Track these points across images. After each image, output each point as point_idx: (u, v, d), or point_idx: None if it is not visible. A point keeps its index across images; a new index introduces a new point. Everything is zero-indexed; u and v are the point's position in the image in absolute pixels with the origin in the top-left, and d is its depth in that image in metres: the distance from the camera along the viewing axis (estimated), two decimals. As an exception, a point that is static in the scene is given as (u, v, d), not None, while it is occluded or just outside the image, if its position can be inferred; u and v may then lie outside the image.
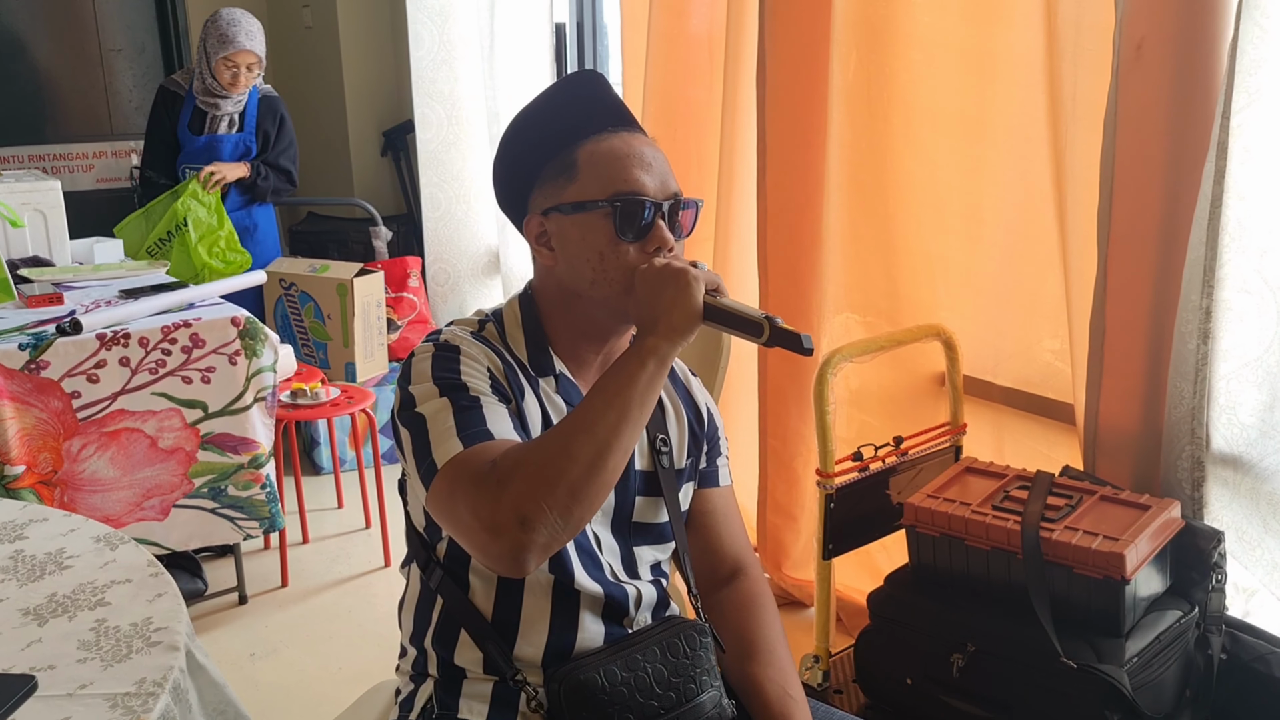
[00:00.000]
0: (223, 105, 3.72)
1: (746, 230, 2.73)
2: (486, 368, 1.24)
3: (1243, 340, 1.84)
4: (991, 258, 2.30)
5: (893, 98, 2.36)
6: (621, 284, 1.24)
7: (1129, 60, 1.85)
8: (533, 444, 1.14)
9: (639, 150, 1.26)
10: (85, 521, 1.64)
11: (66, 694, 1.20)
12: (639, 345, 1.17)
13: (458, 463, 1.14)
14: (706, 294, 1.19)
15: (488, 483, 1.10)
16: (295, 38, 5.23)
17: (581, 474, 1.09)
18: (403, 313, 4.13)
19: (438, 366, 1.22)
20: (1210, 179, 1.77)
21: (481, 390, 1.21)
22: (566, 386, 1.31)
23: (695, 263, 1.23)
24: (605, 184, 1.24)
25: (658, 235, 1.25)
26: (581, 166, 1.25)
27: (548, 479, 1.09)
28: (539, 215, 1.29)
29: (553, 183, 1.27)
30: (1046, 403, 2.27)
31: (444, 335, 1.27)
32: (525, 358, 1.30)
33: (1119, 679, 1.68)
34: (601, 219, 1.23)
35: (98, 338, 2.54)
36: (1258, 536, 1.89)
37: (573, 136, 1.27)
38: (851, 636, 2.14)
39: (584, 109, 1.29)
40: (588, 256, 1.24)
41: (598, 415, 1.13)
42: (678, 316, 1.17)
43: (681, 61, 2.97)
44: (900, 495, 2.16)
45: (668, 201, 1.26)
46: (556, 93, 1.33)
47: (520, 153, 1.31)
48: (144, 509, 2.69)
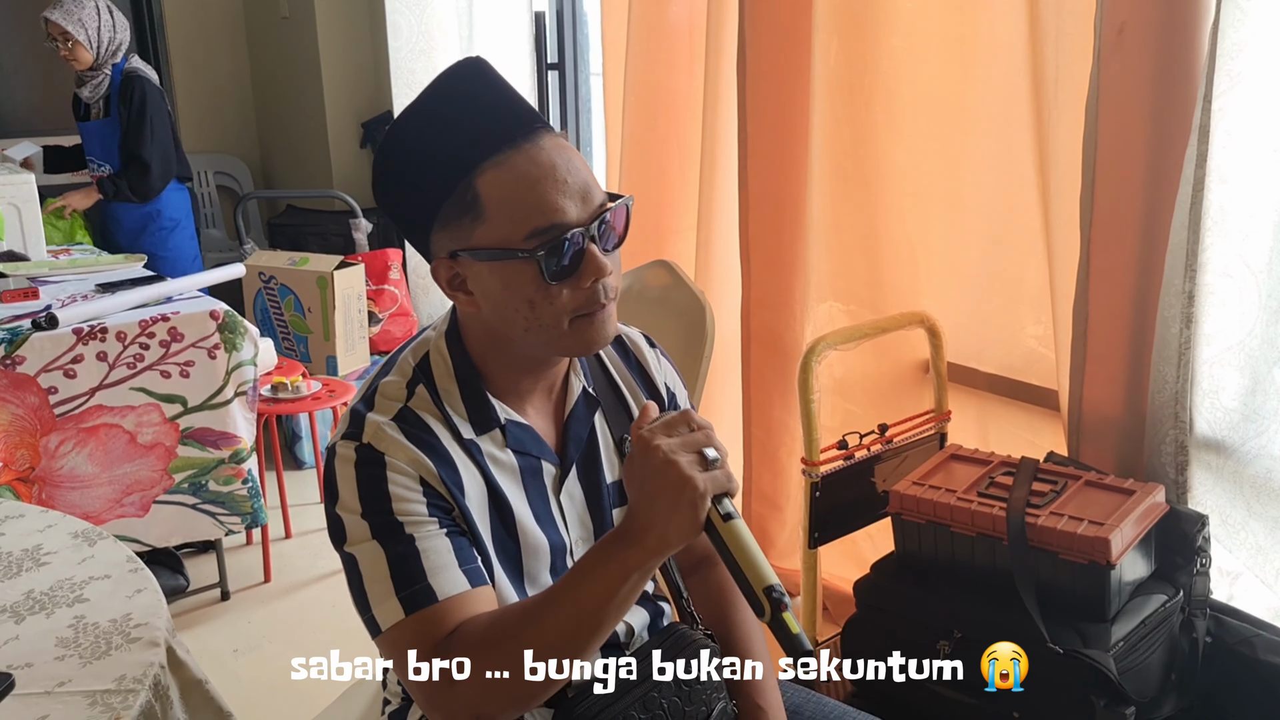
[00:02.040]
0: (84, 90, 3.71)
1: (729, 219, 2.72)
2: (418, 478, 1.09)
3: (1225, 324, 1.85)
4: (974, 244, 2.30)
5: (874, 84, 2.35)
6: (558, 329, 1.09)
7: (1110, 44, 1.85)
8: (491, 638, 1.03)
9: (549, 167, 1.06)
10: (62, 517, 1.62)
11: (45, 691, 1.18)
12: (623, 554, 1.00)
13: (400, 633, 1.06)
14: (714, 506, 0.99)
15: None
16: (272, 28, 5.19)
17: (543, 686, 1.02)
18: (384, 305, 4.11)
19: (365, 491, 1.08)
20: (1192, 163, 1.77)
21: (416, 519, 1.08)
22: (515, 435, 1.17)
23: (708, 452, 1.00)
24: (520, 221, 1.05)
25: (591, 266, 1.07)
26: (486, 203, 1.06)
27: (507, 687, 1.01)
28: (446, 259, 1.10)
29: (456, 224, 1.08)
30: (1030, 389, 2.27)
31: (367, 433, 1.10)
32: (464, 417, 1.14)
33: (1105, 664, 1.68)
34: (523, 265, 1.05)
35: (74, 332, 2.52)
36: (1241, 520, 1.90)
37: (469, 163, 1.06)
38: (838, 625, 2.13)
39: (476, 122, 1.08)
40: (515, 305, 1.08)
41: (569, 633, 1.01)
42: (673, 533, 0.99)
43: (662, 50, 2.95)
44: (885, 483, 2.16)
45: (595, 220, 1.07)
46: (439, 102, 1.10)
47: (408, 183, 1.10)
48: (124, 505, 2.66)
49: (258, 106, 5.55)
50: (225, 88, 5.45)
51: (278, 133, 5.45)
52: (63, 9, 3.57)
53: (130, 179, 3.70)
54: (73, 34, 3.57)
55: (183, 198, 3.92)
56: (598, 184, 1.10)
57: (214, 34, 5.35)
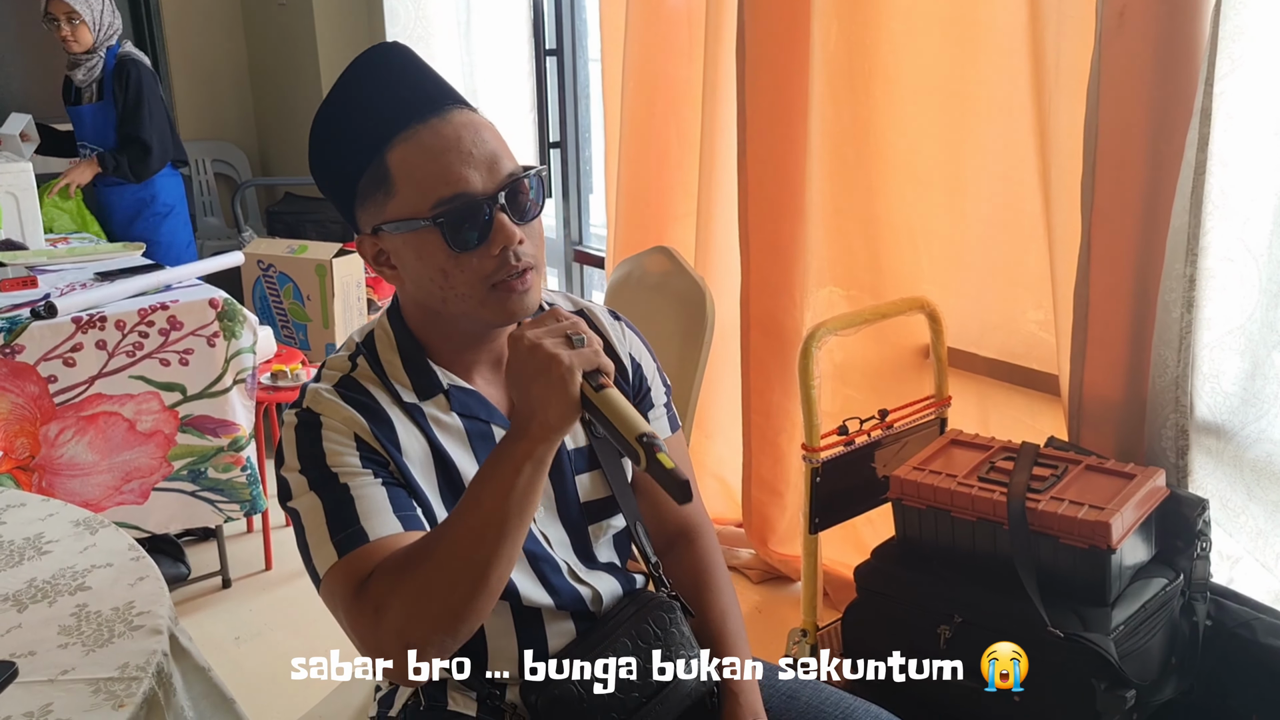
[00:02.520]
0: (76, 73, 3.68)
1: (728, 205, 2.72)
2: (352, 435, 1.13)
3: (1226, 308, 1.84)
4: (975, 229, 2.30)
5: (874, 69, 2.34)
6: (475, 298, 1.12)
7: (1111, 28, 1.84)
8: (407, 562, 1.05)
9: (454, 139, 1.10)
10: (64, 506, 1.62)
11: (48, 680, 1.18)
12: (511, 449, 1.04)
13: (335, 576, 1.08)
14: (585, 380, 1.03)
15: (364, 606, 1.05)
16: (269, 15, 5.16)
17: (463, 596, 1.03)
18: (383, 293, 4.10)
19: (303, 448, 1.13)
20: (1193, 147, 1.77)
21: (350, 471, 1.11)
22: (460, 400, 1.20)
23: (573, 335, 1.04)
24: (425, 192, 1.09)
25: (500, 234, 1.10)
26: (396, 176, 1.10)
27: (427, 607, 1.03)
28: (369, 235, 1.15)
29: (372, 199, 1.13)
30: (1031, 374, 2.27)
31: (307, 398, 1.15)
32: (407, 385, 1.18)
33: (1105, 647, 1.69)
34: (431, 234, 1.09)
35: (73, 321, 2.51)
36: (1241, 504, 1.90)
37: (380, 140, 1.11)
38: (839, 611, 2.14)
39: (387, 101, 1.12)
40: (430, 275, 1.12)
41: (476, 536, 1.03)
42: (552, 413, 1.02)
43: (661, 37, 2.94)
44: (886, 468, 2.16)
45: (503, 189, 1.11)
46: (353, 84, 1.15)
47: (330, 165, 1.16)
48: (123, 493, 2.66)
49: (255, 94, 5.52)
50: (222, 75, 5.42)
51: (275, 120, 5.42)
52: None
53: (131, 159, 3.69)
54: (80, 13, 3.55)
55: (176, 183, 3.92)
56: (511, 156, 1.14)
57: (211, 21, 5.32)
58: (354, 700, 1.60)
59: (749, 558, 2.87)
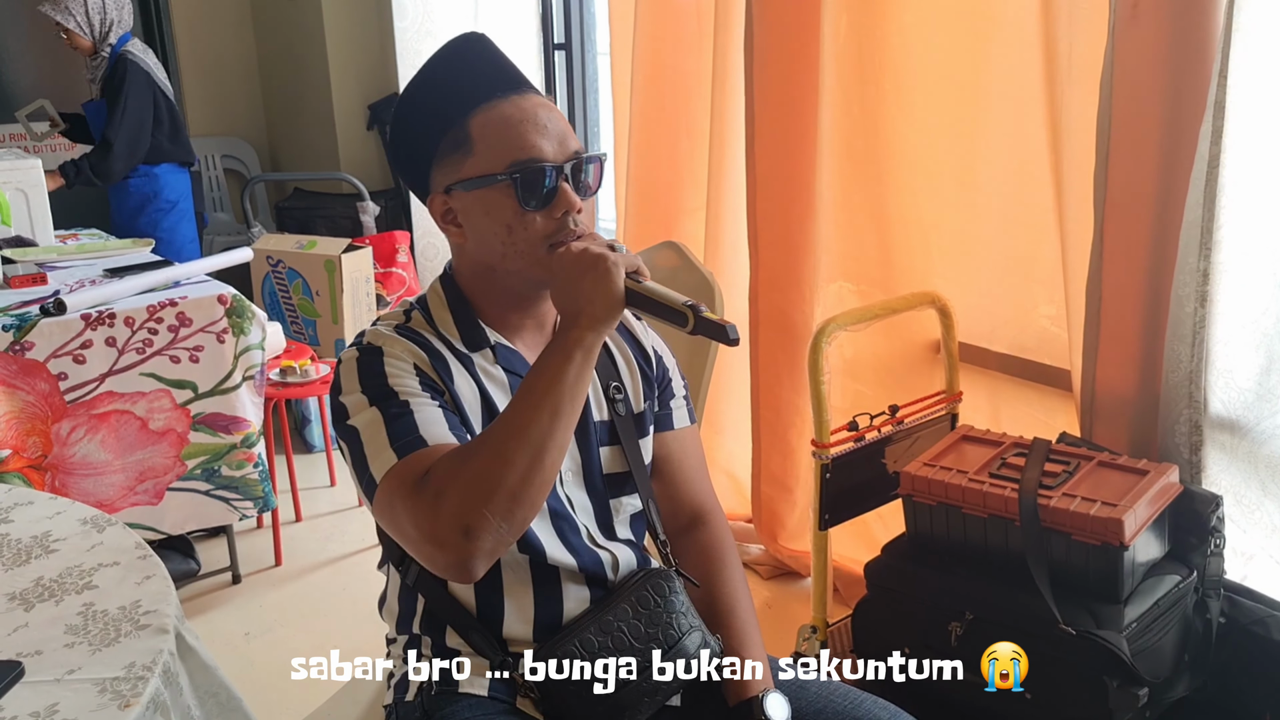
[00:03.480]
0: (86, 72, 3.72)
1: (738, 200, 2.70)
2: (412, 364, 1.22)
3: (1240, 302, 1.82)
4: (986, 223, 2.28)
5: (884, 62, 2.32)
6: (533, 255, 1.22)
7: (1125, 20, 1.82)
8: (466, 451, 1.13)
9: (532, 113, 1.23)
10: (72, 504, 1.62)
11: (54, 679, 1.18)
12: (563, 339, 1.14)
13: (394, 475, 1.13)
14: (628, 278, 1.16)
15: (424, 495, 1.10)
16: (278, 10, 5.16)
17: (519, 478, 1.09)
18: (392, 288, 4.10)
19: (364, 373, 1.21)
20: (1207, 139, 1.75)
21: (410, 392, 1.19)
22: (506, 355, 1.29)
23: (614, 244, 1.19)
24: (501, 154, 1.21)
25: (563, 199, 1.22)
26: (475, 139, 1.22)
27: (486, 487, 1.08)
28: (441, 194, 1.26)
29: (449, 159, 1.24)
30: (1043, 369, 2.25)
31: (367, 336, 1.25)
32: (457, 337, 1.28)
33: (1118, 645, 1.68)
34: (503, 191, 1.21)
35: (83, 318, 2.51)
36: (1256, 500, 1.88)
37: (463, 108, 1.23)
38: (849, 607, 2.13)
39: (471, 77, 1.25)
40: (495, 231, 1.22)
41: (530, 417, 1.11)
42: (600, 305, 1.14)
43: (670, 29, 2.93)
44: (896, 464, 2.15)
45: (569, 162, 1.23)
46: (441, 63, 1.28)
47: (413, 131, 1.28)
48: (138, 493, 2.66)
49: (264, 89, 5.52)
50: (232, 71, 5.42)
51: (284, 116, 5.43)
52: (49, 1, 3.59)
53: (92, 160, 3.67)
54: (63, 23, 3.58)
55: (182, 179, 3.93)
56: (577, 140, 1.27)
57: (220, 17, 5.32)
58: (364, 695, 1.59)
59: (759, 553, 2.87)
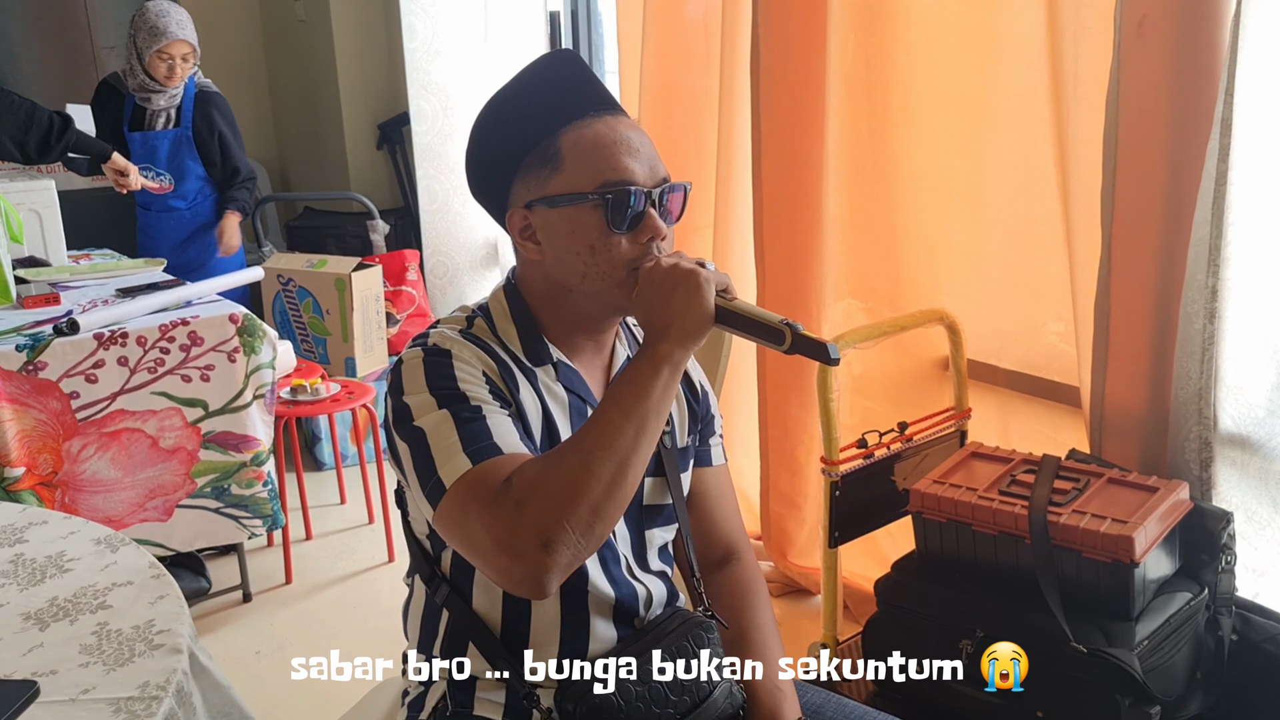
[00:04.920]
0: (157, 100, 3.60)
1: (745, 217, 2.71)
2: (481, 371, 1.19)
3: (1249, 319, 1.83)
4: (994, 240, 2.29)
5: (891, 80, 2.33)
6: (614, 277, 1.20)
7: (1131, 38, 1.83)
8: (549, 460, 1.10)
9: (625, 136, 1.21)
10: (85, 524, 1.63)
11: (69, 699, 1.19)
12: (651, 352, 1.13)
13: (468, 482, 1.10)
14: (717, 295, 1.15)
15: (504, 504, 1.06)
16: (289, 32, 5.20)
17: (603, 491, 1.07)
18: (402, 306, 4.11)
19: (432, 374, 1.17)
20: (1214, 156, 1.75)
21: (482, 398, 1.16)
22: (566, 374, 1.27)
23: (703, 261, 1.18)
24: (593, 174, 1.19)
25: (650, 225, 1.20)
26: (566, 156, 1.20)
27: (569, 498, 1.05)
28: (522, 208, 1.23)
29: (536, 174, 1.21)
30: (1052, 385, 2.25)
31: (432, 338, 1.21)
32: (520, 349, 1.25)
33: (1129, 663, 1.67)
34: (591, 211, 1.18)
35: (95, 337, 2.53)
36: (1267, 516, 1.88)
37: (554, 123, 1.21)
38: (859, 624, 2.13)
39: (564, 94, 1.22)
40: (578, 250, 1.20)
41: (616, 429, 1.09)
42: (690, 321, 1.13)
43: (677, 47, 2.94)
44: (906, 481, 2.15)
45: (658, 189, 1.21)
46: (533, 76, 1.25)
47: (497, 142, 1.25)
48: (147, 510, 2.67)
49: (275, 109, 5.56)
50: (242, 90, 5.45)
51: (295, 135, 5.46)
52: (181, 26, 3.47)
53: (246, 193, 3.73)
54: (197, 49, 3.54)
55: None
56: (663, 166, 1.25)
57: (231, 37, 5.36)
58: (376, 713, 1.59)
59: (768, 570, 2.86)
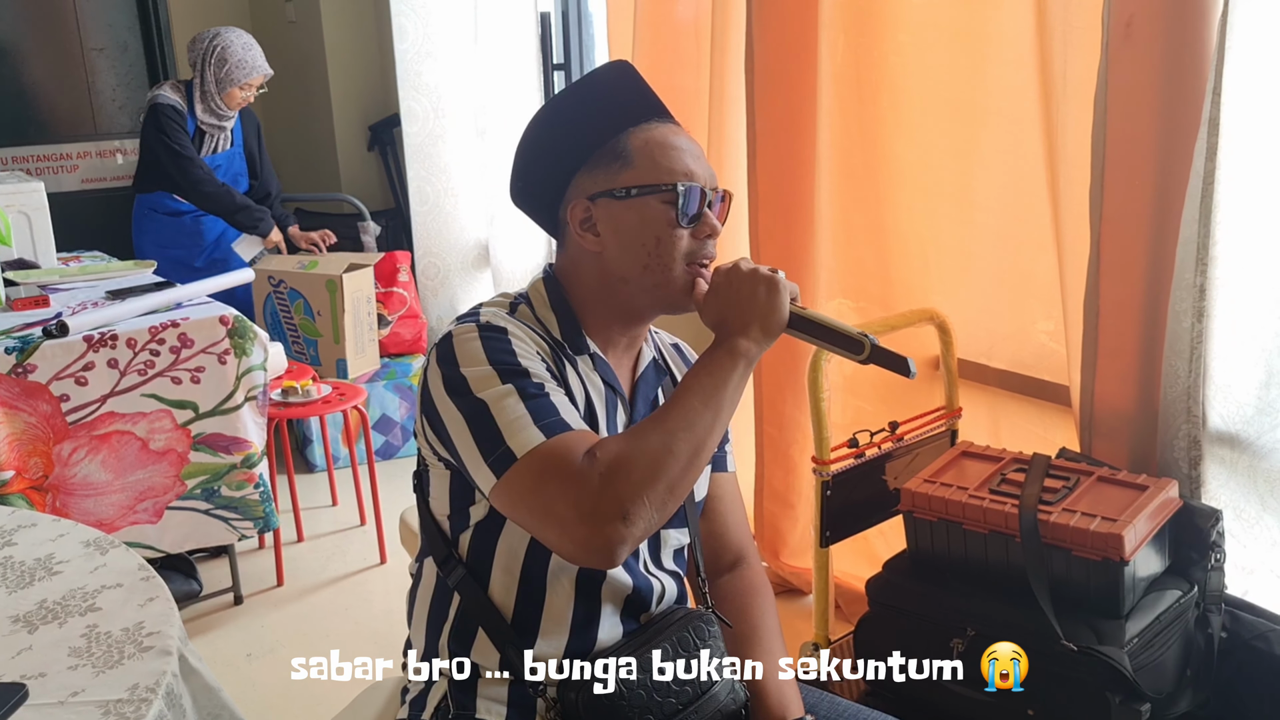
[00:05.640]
0: (225, 124, 3.80)
1: (738, 218, 2.72)
2: (536, 350, 1.23)
3: (1238, 318, 1.83)
4: (984, 240, 2.29)
5: (882, 81, 2.34)
6: (675, 269, 1.26)
7: (1118, 38, 1.84)
8: (632, 438, 1.14)
9: (687, 142, 1.30)
10: (74, 526, 1.62)
11: (58, 702, 1.18)
12: (730, 346, 1.19)
13: (543, 455, 1.12)
14: (791, 302, 1.23)
15: (588, 477, 1.10)
16: (279, 33, 5.19)
17: (680, 470, 1.12)
18: (393, 308, 4.11)
19: (491, 348, 1.20)
20: (1202, 156, 1.76)
21: (543, 376, 1.20)
22: (601, 366, 1.32)
23: (775, 270, 1.25)
24: (663, 171, 1.26)
25: (709, 223, 1.28)
26: (635, 153, 1.27)
27: (651, 474, 1.10)
28: (585, 200, 1.29)
29: (604, 169, 1.28)
30: (1042, 384, 2.26)
31: (484, 316, 1.25)
32: (561, 336, 1.30)
33: (1119, 660, 1.67)
34: (661, 204, 1.25)
35: (85, 340, 2.52)
36: (1256, 514, 1.89)
37: (621, 124, 1.29)
38: (851, 623, 2.13)
39: (628, 98, 1.31)
40: (643, 241, 1.26)
41: (696, 414, 1.14)
42: (771, 322, 1.20)
43: (668, 49, 2.95)
44: (897, 481, 2.15)
45: (714, 193, 1.29)
46: (596, 82, 1.34)
47: (562, 138, 1.31)
48: (137, 512, 2.67)
49: (265, 110, 5.54)
50: (233, 92, 5.45)
51: (285, 137, 5.45)
52: (260, 53, 3.71)
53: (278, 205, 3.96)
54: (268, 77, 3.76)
55: None
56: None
57: (221, 39, 5.35)
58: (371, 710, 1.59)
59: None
